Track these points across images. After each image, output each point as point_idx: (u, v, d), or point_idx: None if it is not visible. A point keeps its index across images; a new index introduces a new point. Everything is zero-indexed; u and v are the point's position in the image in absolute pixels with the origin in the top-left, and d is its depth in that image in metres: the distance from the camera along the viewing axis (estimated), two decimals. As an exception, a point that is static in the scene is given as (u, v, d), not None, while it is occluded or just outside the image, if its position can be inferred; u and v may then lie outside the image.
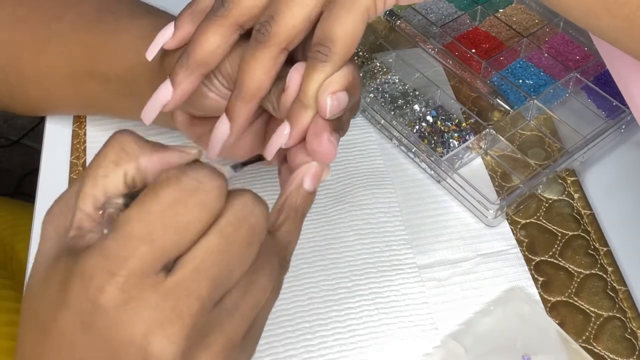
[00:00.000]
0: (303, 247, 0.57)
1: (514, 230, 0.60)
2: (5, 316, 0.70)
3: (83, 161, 0.62)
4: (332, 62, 0.42)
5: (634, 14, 0.40)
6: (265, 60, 0.43)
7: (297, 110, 0.43)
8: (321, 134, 0.43)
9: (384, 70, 0.68)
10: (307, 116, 0.43)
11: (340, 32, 0.42)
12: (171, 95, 0.46)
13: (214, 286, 0.34)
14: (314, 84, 0.43)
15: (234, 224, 0.35)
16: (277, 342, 0.52)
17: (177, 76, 0.46)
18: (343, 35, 0.42)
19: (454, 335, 0.53)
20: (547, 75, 0.69)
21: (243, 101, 0.45)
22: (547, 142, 0.65)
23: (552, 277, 0.57)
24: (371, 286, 0.55)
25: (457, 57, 0.70)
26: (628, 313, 0.55)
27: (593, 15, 0.42)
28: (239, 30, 0.45)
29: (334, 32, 0.42)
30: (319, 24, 0.43)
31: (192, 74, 0.45)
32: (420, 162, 0.63)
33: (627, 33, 0.42)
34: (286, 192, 0.43)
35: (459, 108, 0.65)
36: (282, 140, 0.44)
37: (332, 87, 0.43)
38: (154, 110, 0.47)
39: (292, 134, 0.44)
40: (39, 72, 0.59)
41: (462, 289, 0.56)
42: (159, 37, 0.48)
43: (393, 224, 0.59)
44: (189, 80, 0.46)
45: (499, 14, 0.74)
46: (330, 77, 0.42)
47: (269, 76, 0.44)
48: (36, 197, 0.61)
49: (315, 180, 0.43)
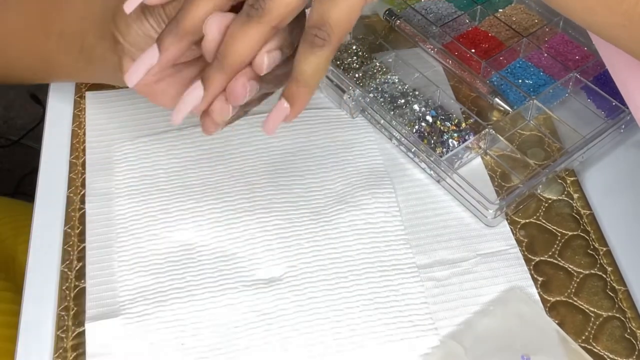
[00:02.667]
0: (303, 247, 0.57)
1: (514, 230, 0.60)
2: (2, 318, 0.70)
3: (82, 161, 0.62)
4: (329, 46, 0.42)
5: (632, 10, 0.40)
6: (254, 37, 0.43)
7: (297, 90, 0.44)
8: (239, 78, 0.44)
9: (384, 70, 0.68)
10: (307, 95, 0.44)
11: (337, 16, 0.42)
12: (157, 60, 0.46)
13: None
14: (311, 66, 0.43)
15: None
16: (276, 342, 0.52)
17: (165, 42, 0.46)
18: (340, 20, 0.42)
19: (454, 335, 0.53)
20: (546, 75, 0.69)
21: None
22: (547, 142, 0.65)
23: (552, 277, 0.57)
24: (371, 286, 0.55)
25: (456, 57, 0.70)
26: (627, 313, 0.55)
27: (592, 11, 0.42)
28: (230, 2, 0.45)
29: (331, 16, 0.42)
30: (315, 6, 0.42)
31: (181, 41, 0.45)
32: (419, 162, 0.63)
33: (626, 30, 0.42)
34: None
35: (459, 108, 0.66)
36: (282, 115, 0.45)
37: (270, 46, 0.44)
38: (139, 73, 0.47)
39: (293, 112, 0.44)
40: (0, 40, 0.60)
41: (462, 289, 0.56)
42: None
43: (393, 224, 0.59)
44: (176, 47, 0.46)
45: (499, 14, 0.74)
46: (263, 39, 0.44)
47: (253, 53, 0.44)
48: (36, 197, 0.61)
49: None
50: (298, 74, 0.43)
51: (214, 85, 0.45)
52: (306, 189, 0.61)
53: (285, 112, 0.44)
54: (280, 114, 0.45)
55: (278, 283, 0.55)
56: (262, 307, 0.54)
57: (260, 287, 0.55)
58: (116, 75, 0.52)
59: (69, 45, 0.57)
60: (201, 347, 0.52)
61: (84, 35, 0.55)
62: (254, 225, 0.58)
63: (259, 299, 0.54)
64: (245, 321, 0.53)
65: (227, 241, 0.57)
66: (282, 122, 0.45)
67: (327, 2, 0.42)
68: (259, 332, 0.53)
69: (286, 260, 0.56)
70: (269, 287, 0.55)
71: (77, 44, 0.56)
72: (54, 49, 0.58)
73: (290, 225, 0.58)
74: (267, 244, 0.57)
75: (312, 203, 0.60)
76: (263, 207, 0.60)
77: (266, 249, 0.57)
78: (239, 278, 0.55)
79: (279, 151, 0.64)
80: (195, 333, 0.52)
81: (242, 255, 0.57)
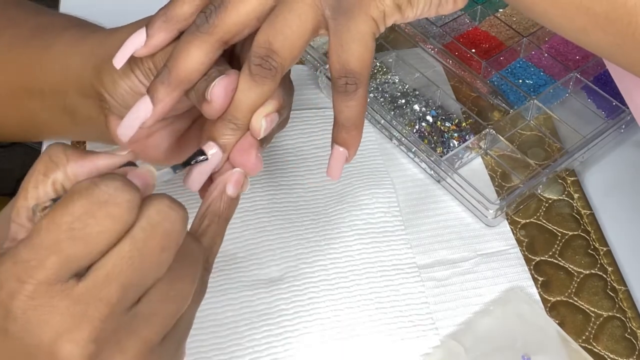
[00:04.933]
0: (303, 247, 0.57)
1: (514, 230, 0.60)
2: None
3: (83, 161, 0.62)
4: (362, 86, 0.43)
5: (625, 30, 0.40)
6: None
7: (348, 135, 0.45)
8: (249, 150, 0.44)
9: (384, 70, 0.68)
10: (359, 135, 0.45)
11: (357, 61, 0.43)
12: (151, 112, 0.45)
13: (124, 291, 0.35)
14: (353, 110, 0.44)
15: (147, 230, 0.35)
16: (277, 342, 0.52)
17: (158, 93, 0.44)
18: (361, 64, 0.43)
19: (454, 335, 0.53)
20: (547, 75, 0.69)
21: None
22: (547, 142, 0.65)
23: (552, 277, 0.57)
24: (371, 286, 0.55)
25: (457, 57, 0.70)
26: (628, 313, 0.55)
27: (585, 31, 0.42)
28: (223, 47, 0.44)
29: (351, 63, 0.43)
30: (333, 56, 0.43)
31: (174, 90, 0.44)
32: (420, 162, 0.63)
33: (619, 48, 0.42)
34: (209, 199, 0.43)
35: (459, 108, 0.65)
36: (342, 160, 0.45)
37: (267, 109, 0.43)
38: (133, 126, 0.45)
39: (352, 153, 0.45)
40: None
41: (462, 288, 0.56)
42: (129, 44, 0.46)
43: (393, 224, 0.59)
44: (170, 97, 0.44)
45: (499, 14, 0.74)
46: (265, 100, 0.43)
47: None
48: (36, 197, 0.61)
49: (238, 187, 0.43)
50: (345, 120, 0.44)
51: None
52: (306, 189, 0.61)
53: (344, 156, 0.45)
54: (341, 160, 0.45)
55: (278, 283, 0.55)
56: (262, 307, 0.54)
57: (261, 287, 0.55)
58: (104, 134, 0.51)
59: (51, 104, 0.55)
60: (201, 347, 0.52)
61: (65, 94, 0.53)
62: (254, 225, 0.58)
63: (259, 299, 0.54)
64: (246, 321, 0.53)
65: (228, 241, 0.57)
66: (345, 164, 0.46)
67: (343, 53, 0.43)
68: (259, 332, 0.53)
69: (286, 260, 0.56)
70: (269, 287, 0.55)
71: (60, 102, 0.54)
72: (37, 107, 0.56)
73: (290, 225, 0.58)
74: (267, 244, 0.57)
75: (313, 203, 0.60)
76: (263, 207, 0.59)
77: (266, 249, 0.57)
78: (239, 278, 0.55)
79: (279, 151, 0.64)
80: (196, 333, 0.52)
81: (242, 255, 0.57)
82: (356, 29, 0.42)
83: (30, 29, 0.57)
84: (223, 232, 0.42)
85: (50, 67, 0.54)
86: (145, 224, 0.35)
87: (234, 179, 0.43)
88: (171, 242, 0.36)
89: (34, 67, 0.55)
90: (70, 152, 0.38)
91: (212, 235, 0.41)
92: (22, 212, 0.37)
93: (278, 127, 0.46)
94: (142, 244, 0.35)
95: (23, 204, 0.37)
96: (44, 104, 0.55)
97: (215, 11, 0.43)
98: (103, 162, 0.38)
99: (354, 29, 0.42)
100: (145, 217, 0.35)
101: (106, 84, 0.49)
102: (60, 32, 0.55)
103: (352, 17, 0.42)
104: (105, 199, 0.34)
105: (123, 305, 0.35)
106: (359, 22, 0.42)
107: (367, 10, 0.42)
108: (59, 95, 0.54)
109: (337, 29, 0.42)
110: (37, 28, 0.57)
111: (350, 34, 0.42)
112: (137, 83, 0.48)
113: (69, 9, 0.73)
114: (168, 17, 0.45)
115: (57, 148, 0.38)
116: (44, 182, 0.37)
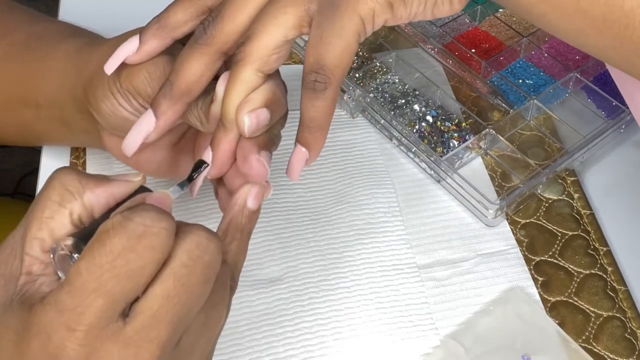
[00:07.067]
0: (303, 247, 0.57)
1: (514, 230, 0.60)
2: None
3: (83, 161, 0.62)
4: (332, 88, 0.41)
5: (622, 33, 0.40)
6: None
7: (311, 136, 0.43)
8: (249, 156, 0.43)
9: (384, 70, 0.68)
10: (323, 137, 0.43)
11: (333, 58, 0.41)
12: (154, 126, 0.45)
13: (173, 329, 0.35)
14: (319, 111, 0.42)
15: (189, 266, 0.35)
16: (277, 342, 0.52)
17: (161, 106, 0.44)
18: (337, 61, 0.41)
19: (454, 335, 0.53)
20: (547, 75, 0.69)
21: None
22: (547, 142, 0.65)
23: (552, 277, 0.57)
24: (371, 286, 0.55)
25: (457, 57, 0.70)
26: (628, 313, 0.55)
27: (583, 33, 0.42)
28: (222, 58, 0.44)
29: (327, 58, 0.41)
30: (310, 49, 0.41)
31: (177, 103, 0.44)
32: (420, 162, 0.63)
33: (617, 51, 0.42)
34: (229, 214, 0.42)
35: (459, 108, 0.66)
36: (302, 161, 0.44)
37: (250, 105, 0.42)
38: (137, 141, 0.45)
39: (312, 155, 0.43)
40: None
41: (462, 288, 0.56)
42: (121, 51, 0.46)
43: (393, 224, 0.59)
44: (173, 110, 0.44)
45: (499, 14, 0.74)
46: (249, 94, 0.42)
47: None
48: (36, 197, 0.61)
49: (258, 200, 0.43)
50: (308, 120, 0.42)
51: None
52: (306, 189, 0.61)
53: (304, 157, 0.43)
54: (301, 160, 0.44)
55: (278, 283, 0.55)
56: (262, 307, 0.54)
57: (261, 287, 0.55)
58: (102, 146, 0.51)
59: (47, 115, 0.55)
60: (201, 347, 0.52)
61: (61, 107, 0.53)
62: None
63: (259, 299, 0.54)
64: (246, 321, 0.53)
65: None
66: (304, 166, 0.44)
67: (321, 46, 0.41)
68: (259, 332, 0.53)
69: (286, 261, 0.56)
70: (269, 288, 0.55)
71: (56, 114, 0.54)
72: (33, 117, 0.56)
73: (290, 226, 0.58)
74: (267, 244, 0.57)
75: (312, 203, 0.60)
76: (263, 207, 0.59)
77: (266, 249, 0.57)
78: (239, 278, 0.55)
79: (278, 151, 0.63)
80: (196, 333, 0.52)
81: (242, 255, 0.57)
82: (340, 23, 0.40)
83: (26, 39, 0.57)
84: (246, 247, 0.42)
85: (45, 82, 0.54)
86: (186, 258, 0.35)
87: (254, 193, 0.42)
88: (211, 274, 0.36)
89: (29, 80, 0.55)
90: (85, 180, 0.37)
91: (235, 252, 0.41)
92: (36, 244, 0.36)
93: (278, 124, 0.46)
94: (186, 279, 0.35)
95: (37, 235, 0.36)
96: (40, 115, 0.55)
97: (213, 22, 0.43)
98: (118, 191, 0.38)
99: (338, 23, 0.40)
100: (185, 251, 0.35)
101: (92, 102, 0.50)
102: (55, 45, 0.55)
103: (338, 11, 0.40)
104: (142, 230, 0.34)
105: (172, 343, 0.35)
106: (345, 17, 0.40)
107: (356, 6, 0.40)
108: (54, 107, 0.54)
109: (320, 21, 0.41)
110: (32, 38, 0.56)
111: (333, 29, 0.40)
112: (116, 105, 0.48)
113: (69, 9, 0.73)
114: (162, 25, 0.45)
115: (71, 176, 0.37)
116: (60, 213, 0.36)
